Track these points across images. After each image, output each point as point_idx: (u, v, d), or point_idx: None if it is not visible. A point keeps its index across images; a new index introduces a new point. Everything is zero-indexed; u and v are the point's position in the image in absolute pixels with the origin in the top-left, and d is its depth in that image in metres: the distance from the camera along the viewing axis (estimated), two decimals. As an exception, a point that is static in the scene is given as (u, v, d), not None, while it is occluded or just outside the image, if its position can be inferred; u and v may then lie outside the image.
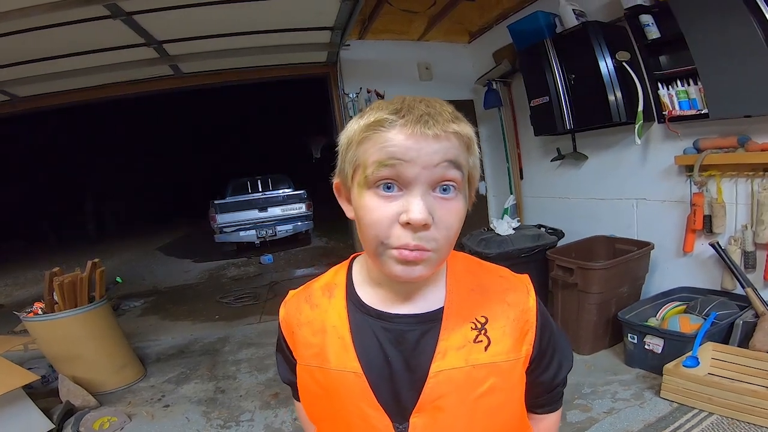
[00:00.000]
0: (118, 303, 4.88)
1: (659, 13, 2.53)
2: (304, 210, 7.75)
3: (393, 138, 0.54)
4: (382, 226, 0.55)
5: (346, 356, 0.63)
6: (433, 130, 0.54)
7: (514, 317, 0.65)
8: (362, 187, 0.57)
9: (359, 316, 0.65)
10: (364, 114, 0.59)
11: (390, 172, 0.54)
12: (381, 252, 0.57)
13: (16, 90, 3.63)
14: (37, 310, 2.66)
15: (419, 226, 0.54)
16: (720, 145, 2.42)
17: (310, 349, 0.66)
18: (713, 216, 2.47)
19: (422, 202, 0.54)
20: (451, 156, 0.55)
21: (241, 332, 3.70)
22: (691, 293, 2.58)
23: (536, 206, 4.02)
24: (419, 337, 0.62)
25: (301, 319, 0.69)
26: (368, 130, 0.56)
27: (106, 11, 2.51)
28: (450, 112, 0.57)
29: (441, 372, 0.61)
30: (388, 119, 0.55)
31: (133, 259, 8.57)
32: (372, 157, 0.55)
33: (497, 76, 3.93)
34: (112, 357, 2.79)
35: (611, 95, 2.76)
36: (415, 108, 0.55)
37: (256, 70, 4.17)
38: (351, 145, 0.59)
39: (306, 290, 0.72)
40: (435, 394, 0.61)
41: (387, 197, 0.55)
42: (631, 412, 2.02)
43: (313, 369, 0.66)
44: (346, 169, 0.60)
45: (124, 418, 2.36)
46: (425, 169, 0.54)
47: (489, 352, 0.62)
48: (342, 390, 0.63)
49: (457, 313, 0.63)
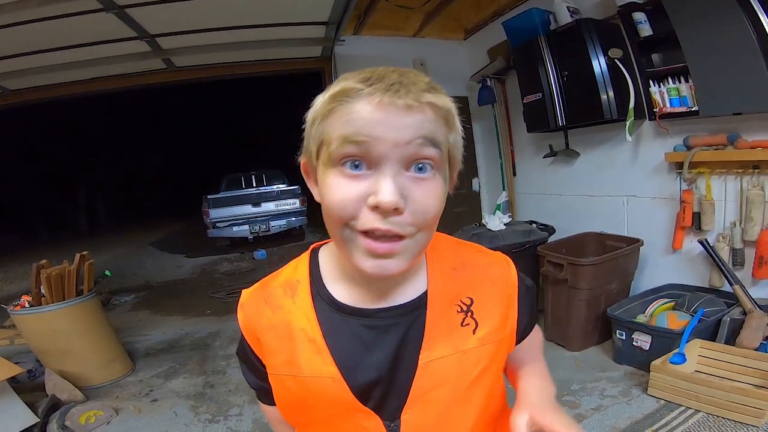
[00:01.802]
0: (109, 297, 4.85)
1: (652, 11, 2.54)
2: (298, 205, 7.73)
3: (360, 110, 0.48)
4: (347, 208, 0.49)
5: (320, 361, 0.57)
6: (405, 99, 0.47)
7: (499, 293, 0.63)
8: (327, 165, 0.51)
9: (334, 315, 0.59)
10: (331, 86, 0.53)
11: (356, 149, 0.48)
12: (347, 237, 0.51)
13: (7, 83, 3.60)
14: (24, 303, 2.63)
15: (389, 209, 0.47)
16: (710, 142, 2.43)
17: (278, 357, 0.60)
18: (702, 213, 2.48)
19: (392, 183, 0.47)
20: (425, 131, 0.48)
21: (232, 327, 3.68)
22: (680, 290, 2.59)
23: (528, 203, 4.03)
24: (406, 329, 0.58)
25: (263, 323, 0.61)
26: (333, 102, 0.50)
27: (98, 4, 2.49)
28: (426, 82, 0.50)
29: (430, 362, 0.57)
30: (355, 88, 0.48)
31: (126, 253, 8.51)
32: (336, 132, 0.49)
33: (492, 73, 3.93)
34: (100, 351, 2.77)
35: (603, 92, 2.77)
36: (385, 77, 0.49)
37: (250, 65, 4.15)
38: (316, 120, 0.53)
39: (264, 290, 0.65)
40: (425, 387, 0.57)
41: (353, 176, 0.49)
42: (618, 409, 2.02)
43: (285, 378, 0.60)
44: (310, 146, 0.54)
45: (111, 413, 2.34)
46: (396, 146, 0.48)
47: (477, 335, 0.59)
48: (321, 397, 0.58)
49: (442, 296, 0.59)
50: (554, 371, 2.37)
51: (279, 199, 7.68)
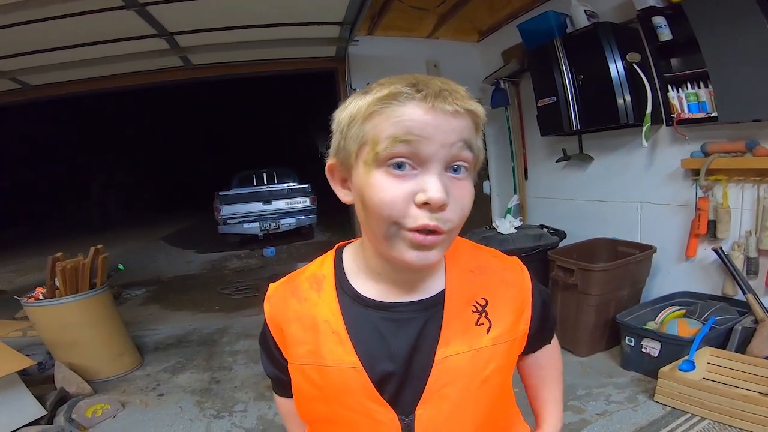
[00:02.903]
0: (120, 291, 4.93)
1: (672, 15, 2.50)
2: (308, 204, 7.77)
3: (410, 112, 0.51)
4: (396, 206, 0.51)
5: (343, 351, 0.60)
6: (453, 106, 0.51)
7: (513, 297, 0.65)
8: (370, 165, 0.53)
9: (356, 308, 0.62)
10: (369, 89, 0.55)
11: (406, 149, 0.51)
12: (393, 234, 0.53)
13: (28, 78, 3.66)
14: (38, 295, 2.68)
15: (438, 206, 0.51)
16: (728, 149, 2.39)
17: (302, 347, 0.63)
18: (718, 221, 2.44)
19: (440, 181, 0.51)
20: (466, 135, 0.53)
21: (240, 323, 3.72)
22: (692, 298, 2.55)
23: (540, 207, 4.00)
24: (423, 324, 0.61)
25: (289, 315, 0.65)
26: (379, 104, 0.52)
27: (120, 2, 2.52)
28: (465, 91, 0.55)
29: (446, 358, 0.59)
30: (404, 92, 0.51)
31: (138, 248, 8.63)
32: (385, 132, 0.51)
33: (505, 75, 3.90)
34: (110, 345, 2.81)
35: (620, 97, 2.74)
36: (431, 83, 0.52)
37: (265, 63, 4.17)
38: (355, 121, 0.54)
39: (291, 283, 0.68)
40: (440, 383, 0.59)
41: (400, 176, 0.52)
42: (623, 415, 2.00)
43: (307, 367, 0.62)
44: (348, 146, 0.56)
45: (118, 406, 2.37)
46: (443, 147, 0.51)
47: (490, 335, 0.62)
48: (341, 387, 0.60)
49: (459, 295, 0.62)
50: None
51: (289, 197, 7.73)
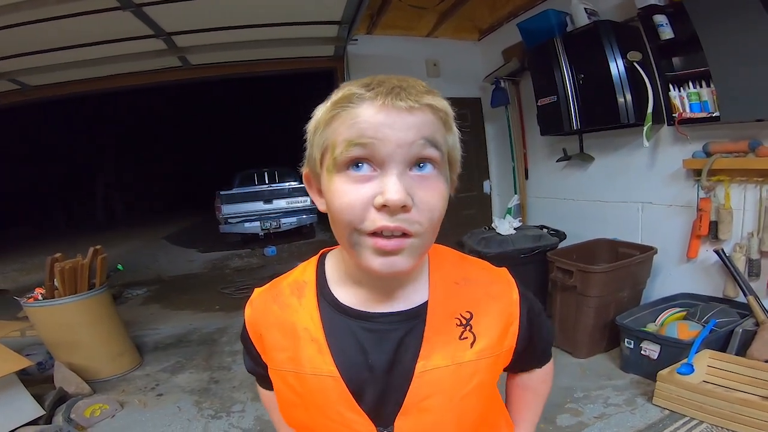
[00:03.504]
0: (122, 290, 4.94)
1: (674, 13, 2.47)
2: (309, 203, 7.74)
3: (362, 113, 0.50)
4: (355, 211, 0.50)
5: (321, 360, 0.59)
6: (407, 101, 0.49)
7: (499, 310, 0.63)
8: (331, 171, 0.52)
9: (336, 316, 0.61)
10: (331, 94, 0.55)
11: (361, 151, 0.49)
12: (355, 241, 0.52)
13: (27, 79, 3.67)
14: (38, 295, 2.68)
15: (397, 208, 0.48)
16: (730, 149, 2.36)
17: (282, 353, 0.62)
18: (719, 222, 2.42)
19: (399, 182, 0.49)
20: (426, 133, 0.50)
21: (240, 323, 3.59)
22: (693, 300, 2.53)
23: (540, 207, 3.97)
24: (403, 335, 0.59)
25: (270, 320, 0.64)
26: (336, 108, 0.52)
27: (115, 2, 2.52)
28: (423, 86, 0.52)
29: (426, 372, 0.58)
30: (357, 93, 0.50)
31: (140, 247, 8.67)
32: (341, 136, 0.50)
33: (505, 74, 3.88)
34: (109, 345, 2.81)
35: (620, 96, 2.72)
36: (386, 81, 0.51)
37: (264, 63, 4.17)
38: (318, 128, 0.54)
39: (273, 289, 0.67)
40: (420, 395, 0.58)
41: (359, 178, 0.50)
42: (621, 417, 1.99)
43: (287, 374, 0.61)
44: (314, 154, 0.55)
45: (116, 406, 2.37)
46: (400, 147, 0.49)
47: (474, 348, 0.60)
48: (319, 396, 0.59)
49: (442, 307, 0.60)
50: (559, 378, 2.34)
51: (290, 197, 7.72)
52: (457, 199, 0.58)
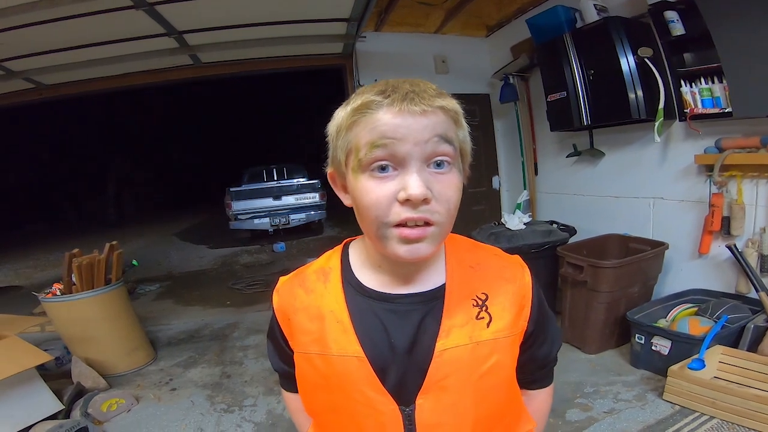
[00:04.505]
0: (135, 286, 5.02)
1: (685, 9, 2.46)
2: (318, 199, 7.80)
3: (381, 118, 0.55)
4: (381, 206, 0.56)
5: (346, 340, 0.62)
6: (420, 106, 0.54)
7: (513, 292, 0.67)
8: (357, 171, 0.58)
9: (359, 299, 0.64)
10: (349, 101, 0.60)
11: (383, 152, 0.55)
12: (383, 233, 0.57)
13: (42, 78, 3.73)
14: (56, 291, 2.74)
15: (419, 201, 0.54)
16: (742, 144, 2.35)
17: (308, 336, 0.65)
18: (732, 217, 2.40)
19: (419, 177, 0.54)
20: (440, 130, 0.56)
21: (251, 318, 3.77)
22: (704, 295, 2.52)
23: (550, 202, 3.97)
24: (423, 316, 0.63)
25: (296, 305, 0.67)
26: (356, 114, 0.57)
27: (129, 1, 2.55)
28: (434, 89, 0.58)
29: (446, 350, 0.61)
30: (375, 100, 0.56)
31: (151, 243, 8.76)
32: (363, 140, 0.56)
33: (514, 71, 3.87)
34: (125, 339, 2.87)
35: (631, 92, 2.70)
36: (399, 87, 0.56)
37: (274, 61, 4.19)
38: (341, 132, 0.60)
39: (299, 276, 0.71)
40: (440, 374, 0.61)
41: (382, 178, 0.56)
42: (631, 413, 1.99)
43: (313, 356, 0.64)
44: (338, 156, 0.61)
45: (132, 401, 2.42)
46: (417, 145, 0.55)
47: (491, 328, 0.63)
48: (344, 376, 0.62)
49: (459, 289, 0.64)
50: (568, 373, 2.34)
51: (299, 193, 7.77)
52: (466, 194, 0.62)
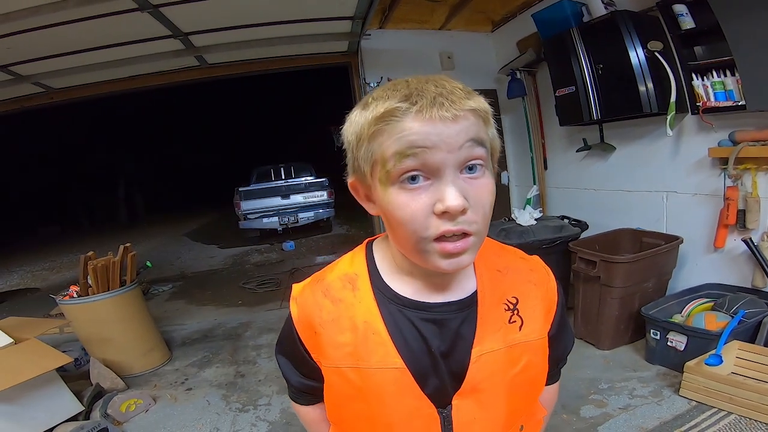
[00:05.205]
0: (148, 287, 5.08)
1: (694, 3, 2.42)
2: (326, 198, 7.82)
3: (409, 126, 0.50)
4: (417, 221, 0.52)
5: (385, 353, 0.59)
6: (451, 111, 0.50)
7: (541, 297, 0.67)
8: (385, 183, 0.53)
9: (392, 307, 0.61)
10: (367, 104, 0.55)
11: (414, 162, 0.51)
12: (422, 248, 0.54)
13: (50, 82, 3.76)
14: (73, 293, 2.78)
15: (457, 212, 0.51)
16: (757, 137, 2.31)
17: (340, 350, 0.61)
18: (747, 211, 2.37)
19: (455, 188, 0.51)
20: (473, 134, 0.52)
21: (263, 318, 3.80)
22: (720, 290, 2.49)
23: (560, 197, 3.94)
24: (460, 323, 0.62)
25: (324, 316, 0.63)
26: (379, 123, 0.52)
27: (134, 4, 2.56)
28: (461, 89, 0.53)
29: (482, 356, 0.61)
30: (400, 108, 0.51)
31: (163, 244, 8.86)
32: (390, 150, 0.51)
33: (521, 66, 3.83)
34: (141, 340, 2.91)
35: (642, 85, 2.67)
36: (425, 91, 0.51)
37: (279, 60, 4.20)
38: (362, 141, 0.55)
39: (320, 283, 0.66)
40: (477, 378, 0.61)
41: (414, 189, 0.52)
42: (647, 409, 1.98)
43: (346, 370, 0.61)
44: (361, 166, 0.56)
45: (149, 401, 2.45)
46: (450, 152, 0.51)
47: (523, 331, 0.64)
48: (383, 387, 0.60)
49: (491, 295, 0.63)
50: (582, 369, 2.33)
51: (307, 191, 7.80)
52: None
